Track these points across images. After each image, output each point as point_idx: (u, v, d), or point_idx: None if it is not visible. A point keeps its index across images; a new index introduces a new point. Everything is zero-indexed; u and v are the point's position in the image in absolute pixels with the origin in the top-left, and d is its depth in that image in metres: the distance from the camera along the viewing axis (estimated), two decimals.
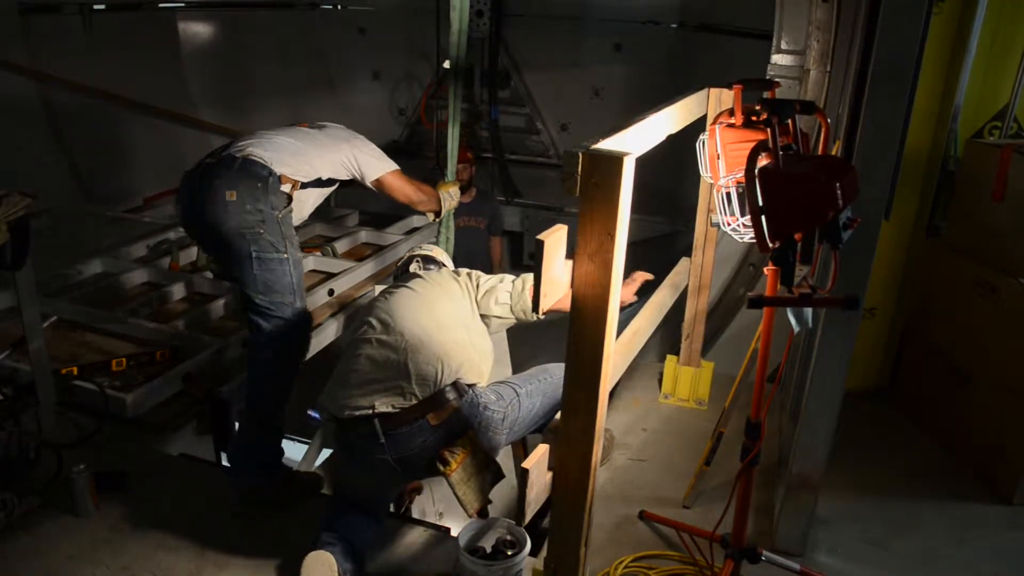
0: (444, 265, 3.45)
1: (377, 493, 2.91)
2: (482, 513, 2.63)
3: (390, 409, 2.58)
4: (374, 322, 2.85)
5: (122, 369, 3.71)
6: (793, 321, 2.21)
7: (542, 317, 2.62)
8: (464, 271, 3.18)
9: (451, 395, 2.60)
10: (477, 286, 3.07)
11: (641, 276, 3.26)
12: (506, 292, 3.01)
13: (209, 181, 3.05)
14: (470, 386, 2.67)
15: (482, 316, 3.03)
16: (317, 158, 3.36)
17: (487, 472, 2.60)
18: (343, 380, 2.75)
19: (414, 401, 2.58)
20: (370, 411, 2.59)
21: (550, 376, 2.92)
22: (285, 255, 3.04)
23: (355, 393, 2.67)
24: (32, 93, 6.34)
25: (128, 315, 4.14)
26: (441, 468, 2.53)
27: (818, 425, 2.76)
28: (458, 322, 2.88)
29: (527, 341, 3.13)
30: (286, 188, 3.16)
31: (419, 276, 3.17)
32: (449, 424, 2.59)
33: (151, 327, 4.01)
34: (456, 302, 2.98)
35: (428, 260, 3.46)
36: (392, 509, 3.35)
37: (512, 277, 3.11)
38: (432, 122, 7.24)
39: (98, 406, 3.49)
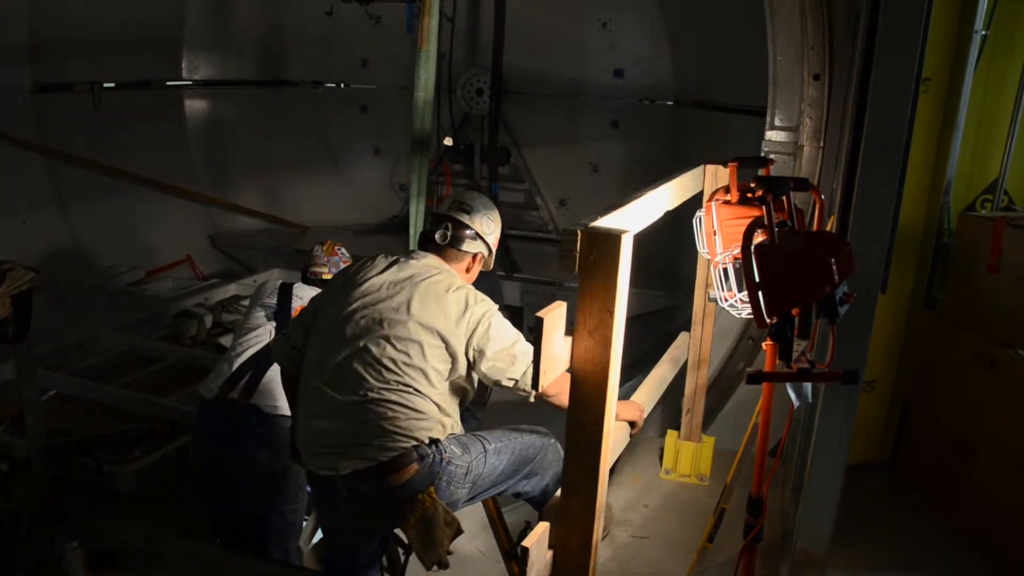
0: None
1: (357, 544, 2.91)
2: (441, 565, 2.60)
3: (352, 471, 2.59)
4: (325, 375, 2.68)
5: (120, 444, 3.68)
6: (793, 396, 2.21)
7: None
8: (469, 324, 2.69)
9: (412, 458, 2.58)
10: (481, 353, 2.69)
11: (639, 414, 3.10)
12: (511, 381, 2.73)
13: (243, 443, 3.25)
14: (432, 442, 2.61)
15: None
16: None
17: (447, 527, 2.57)
18: (307, 436, 2.73)
19: (374, 464, 2.57)
20: (333, 472, 2.61)
21: (521, 437, 2.89)
22: None
23: (319, 452, 2.68)
24: (41, 169, 6.46)
25: (127, 389, 4.13)
26: (400, 523, 2.56)
27: (821, 501, 2.73)
28: (412, 382, 2.63)
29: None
30: None
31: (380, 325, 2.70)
32: (410, 484, 2.57)
33: (150, 401, 4.00)
34: (419, 359, 2.66)
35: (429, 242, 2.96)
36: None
37: (528, 361, 2.69)
38: (432, 198, 7.34)
39: (95, 481, 3.46)
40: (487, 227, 2.97)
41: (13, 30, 6.13)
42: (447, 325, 2.65)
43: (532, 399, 2.63)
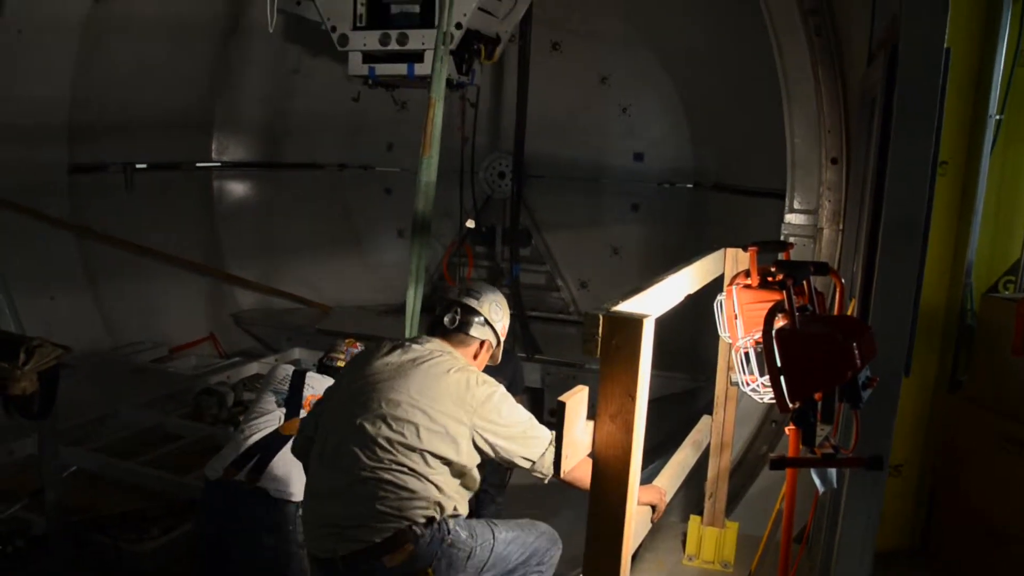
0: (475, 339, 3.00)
1: None
2: None
3: (349, 552, 2.57)
4: (326, 456, 2.72)
5: (138, 522, 3.67)
6: (817, 482, 2.19)
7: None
8: (472, 406, 2.65)
9: (406, 539, 2.55)
10: (490, 435, 2.65)
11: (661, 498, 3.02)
12: (527, 462, 2.68)
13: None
14: (429, 522, 2.59)
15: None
16: None
17: None
18: (309, 518, 2.75)
19: (369, 545, 2.55)
20: (332, 555, 2.60)
21: (535, 530, 2.88)
22: None
23: (319, 535, 2.67)
24: (72, 246, 6.62)
25: (147, 466, 4.13)
26: None
27: None
28: (407, 462, 2.59)
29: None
30: None
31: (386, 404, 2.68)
32: (406, 565, 2.55)
33: (169, 479, 3.99)
34: (415, 440, 2.61)
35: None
36: None
37: (544, 443, 2.67)
38: (454, 279, 7.44)
39: (111, 560, 3.44)
40: (495, 314, 3.03)
41: (54, 113, 6.37)
42: (445, 406, 2.63)
43: (547, 481, 2.62)
